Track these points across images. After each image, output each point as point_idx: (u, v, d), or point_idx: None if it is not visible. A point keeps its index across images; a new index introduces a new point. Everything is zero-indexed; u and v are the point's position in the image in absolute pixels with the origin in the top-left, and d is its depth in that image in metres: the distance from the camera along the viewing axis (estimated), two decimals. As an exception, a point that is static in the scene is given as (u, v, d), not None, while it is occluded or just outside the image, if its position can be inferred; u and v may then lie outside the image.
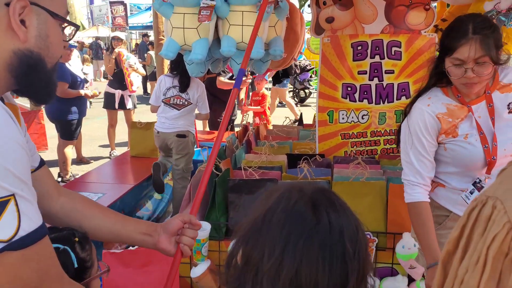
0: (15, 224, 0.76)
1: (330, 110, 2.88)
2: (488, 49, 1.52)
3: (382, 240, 2.17)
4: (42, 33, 0.91)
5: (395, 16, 2.85)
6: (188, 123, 3.89)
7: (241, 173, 2.43)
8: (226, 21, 2.41)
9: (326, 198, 0.77)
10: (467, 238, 0.68)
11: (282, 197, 0.79)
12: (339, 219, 0.74)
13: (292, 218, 0.74)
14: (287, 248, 0.72)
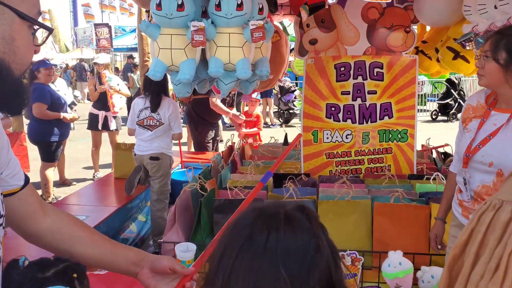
0: None
1: (315, 130, 2.91)
2: (496, 47, 1.64)
3: (368, 259, 2.17)
4: (6, 35, 0.81)
5: (376, 38, 2.93)
6: (163, 145, 3.86)
7: (226, 193, 2.43)
8: (213, 43, 2.44)
9: (282, 218, 0.75)
10: (480, 242, 0.65)
11: (245, 211, 0.80)
12: (280, 242, 0.72)
13: (236, 229, 0.76)
14: (223, 258, 0.73)
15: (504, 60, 1.63)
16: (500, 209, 0.64)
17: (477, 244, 0.66)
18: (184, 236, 2.19)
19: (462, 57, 2.90)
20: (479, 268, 0.64)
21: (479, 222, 0.67)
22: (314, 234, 0.76)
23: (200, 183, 2.46)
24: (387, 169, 2.89)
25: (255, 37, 2.34)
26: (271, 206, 0.79)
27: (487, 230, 0.65)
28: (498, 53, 1.64)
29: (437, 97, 13.03)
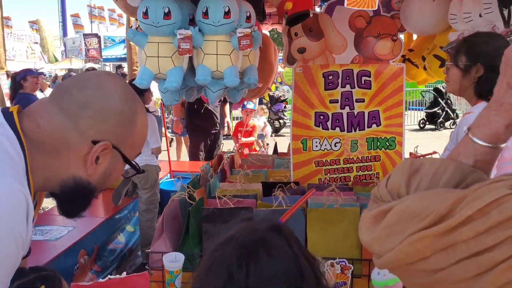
0: None
1: (304, 138, 2.91)
2: (458, 52, 1.72)
3: (358, 267, 2.16)
4: (107, 172, 0.98)
5: (364, 47, 2.95)
6: (145, 158, 3.85)
7: (215, 202, 2.40)
8: (200, 51, 2.44)
9: (262, 244, 0.74)
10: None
11: (219, 243, 0.77)
12: (263, 275, 0.71)
13: (213, 271, 0.73)
14: None
15: (463, 64, 1.69)
16: None
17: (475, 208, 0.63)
18: (172, 246, 2.16)
19: (449, 65, 2.94)
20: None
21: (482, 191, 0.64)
22: (295, 258, 0.75)
23: (189, 192, 2.44)
24: (375, 176, 2.90)
25: (242, 44, 2.35)
26: (244, 234, 0.76)
27: (491, 203, 0.62)
28: (458, 58, 1.71)
29: (424, 105, 13.17)
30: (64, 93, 0.93)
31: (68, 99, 0.92)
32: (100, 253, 3.68)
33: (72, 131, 0.91)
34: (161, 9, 2.32)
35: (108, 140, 0.93)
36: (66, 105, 0.91)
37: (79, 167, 0.94)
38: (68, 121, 0.91)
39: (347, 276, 2.07)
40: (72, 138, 0.91)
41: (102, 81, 0.96)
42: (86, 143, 0.92)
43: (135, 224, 4.26)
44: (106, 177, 0.99)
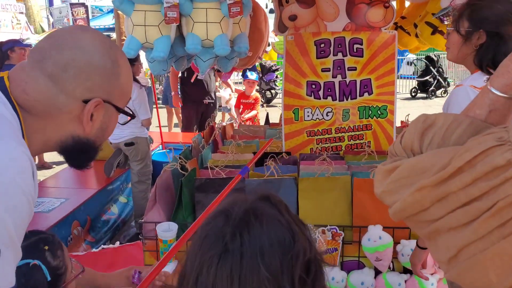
0: None
1: (296, 108, 2.90)
2: (460, 17, 1.64)
3: (348, 234, 2.20)
4: (103, 125, 1.00)
5: (355, 14, 2.90)
6: (135, 130, 3.82)
7: (207, 172, 2.41)
8: (190, 19, 2.39)
9: (250, 214, 0.75)
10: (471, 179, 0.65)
11: (211, 216, 0.79)
12: (256, 241, 0.72)
13: (207, 243, 0.74)
14: (201, 275, 0.72)
15: (465, 29, 1.62)
16: (501, 148, 0.63)
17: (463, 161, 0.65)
18: (166, 215, 2.18)
19: (441, 32, 2.91)
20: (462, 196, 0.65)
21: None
22: (286, 223, 0.76)
23: (181, 163, 2.44)
24: (367, 145, 2.91)
25: (232, 12, 2.29)
26: (235, 206, 0.78)
27: (478, 155, 0.64)
28: (460, 23, 1.64)
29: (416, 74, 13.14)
30: (43, 56, 0.92)
31: (49, 62, 0.91)
32: (93, 224, 3.70)
33: (59, 94, 0.92)
34: (148, -25, 2.26)
35: (97, 96, 0.94)
36: (48, 68, 0.91)
37: (75, 126, 0.95)
38: (54, 84, 0.91)
39: (338, 243, 2.11)
40: (61, 101, 0.92)
41: (78, 38, 0.95)
42: (76, 103, 0.93)
43: (128, 195, 4.27)
44: (103, 130, 1.01)
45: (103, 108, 0.97)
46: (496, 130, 0.67)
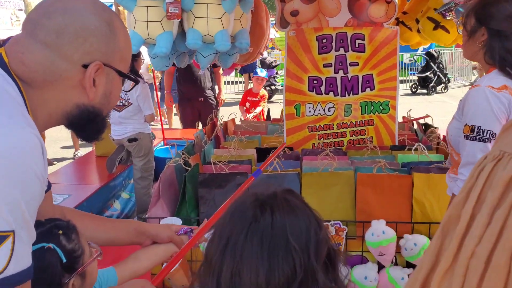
0: (4, 262, 0.74)
1: (297, 103, 2.90)
2: (468, 14, 1.63)
3: (352, 229, 2.20)
4: (107, 91, 0.98)
5: (357, 9, 2.90)
6: (137, 126, 3.81)
7: (210, 168, 2.41)
8: (191, 14, 2.39)
9: (279, 198, 0.79)
10: (477, 199, 0.58)
11: (240, 197, 0.83)
12: (285, 218, 0.75)
13: (235, 216, 0.77)
14: (228, 245, 0.75)
15: (471, 26, 1.61)
16: (501, 161, 0.58)
17: (473, 202, 0.58)
18: (169, 210, 2.18)
19: (443, 27, 2.90)
20: (475, 231, 0.56)
21: (478, 177, 0.60)
22: (310, 211, 0.80)
23: (184, 159, 2.44)
24: (369, 140, 2.91)
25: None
26: (264, 191, 0.81)
27: (484, 184, 0.58)
28: (468, 19, 1.63)
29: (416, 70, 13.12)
30: (34, 25, 0.90)
31: (42, 30, 0.90)
32: (96, 221, 3.68)
33: (58, 60, 0.90)
34: (150, -29, 2.26)
35: (97, 59, 0.93)
36: (42, 37, 0.89)
37: (78, 94, 0.94)
38: (50, 51, 0.89)
39: (341, 238, 2.12)
40: (61, 67, 0.90)
41: (68, 3, 0.93)
42: (76, 69, 0.91)
43: (131, 191, 4.27)
44: (108, 96, 0.99)
45: (104, 72, 0.95)
46: (486, 156, 0.62)
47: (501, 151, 0.58)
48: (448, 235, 0.60)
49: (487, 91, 1.56)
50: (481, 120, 1.56)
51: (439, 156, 2.56)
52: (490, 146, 1.55)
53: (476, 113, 1.57)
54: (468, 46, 1.65)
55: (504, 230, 0.53)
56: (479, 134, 1.55)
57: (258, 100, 5.70)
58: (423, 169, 2.26)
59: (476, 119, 1.56)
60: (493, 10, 1.57)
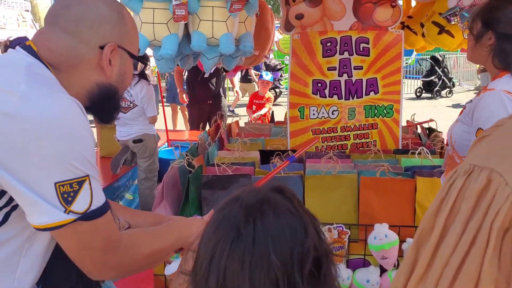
0: (88, 200, 0.94)
1: (301, 106, 2.91)
2: (474, 18, 1.61)
3: (354, 232, 2.20)
4: (121, 70, 1.12)
5: (362, 13, 2.91)
6: (142, 127, 3.84)
7: (214, 169, 2.42)
8: (196, 16, 2.40)
9: (265, 204, 0.77)
10: (449, 211, 0.61)
11: (226, 202, 0.81)
12: (268, 231, 0.74)
13: (221, 228, 0.76)
14: (214, 258, 0.74)
15: (477, 30, 1.60)
16: (472, 175, 0.60)
17: (446, 213, 0.61)
18: (173, 211, 2.19)
19: (447, 31, 2.91)
20: (450, 240, 0.59)
21: (449, 190, 0.62)
22: (298, 214, 0.78)
23: (188, 160, 2.45)
24: (372, 144, 2.91)
25: (233, 8, 2.30)
26: (249, 195, 0.80)
27: (457, 197, 0.60)
28: (474, 23, 1.62)
29: (421, 74, 13.10)
30: (55, 17, 1.05)
31: (63, 19, 1.04)
32: (99, 221, 3.69)
33: (78, 44, 1.04)
34: (156, -27, 2.27)
35: (111, 41, 1.07)
36: (63, 25, 1.04)
37: (97, 74, 1.07)
38: (72, 37, 1.03)
39: (344, 241, 2.12)
40: (82, 51, 1.04)
41: None
42: (94, 51, 1.05)
43: (134, 192, 4.29)
44: (122, 75, 1.13)
45: (118, 53, 1.09)
46: (456, 170, 0.64)
47: (471, 164, 0.60)
48: (422, 246, 0.62)
49: (503, 95, 1.53)
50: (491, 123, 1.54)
51: (442, 160, 2.56)
52: None
53: (491, 117, 1.53)
54: (475, 50, 1.64)
55: (476, 238, 0.56)
56: None
57: (264, 102, 5.77)
58: (426, 173, 2.26)
59: (491, 123, 1.54)
60: (499, 14, 1.56)
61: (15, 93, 0.90)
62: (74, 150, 0.91)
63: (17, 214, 0.95)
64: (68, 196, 0.90)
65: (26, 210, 0.91)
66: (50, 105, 0.91)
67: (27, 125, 0.87)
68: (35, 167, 0.88)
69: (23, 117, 0.87)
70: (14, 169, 0.87)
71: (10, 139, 0.86)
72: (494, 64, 1.61)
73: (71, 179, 0.90)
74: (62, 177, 0.89)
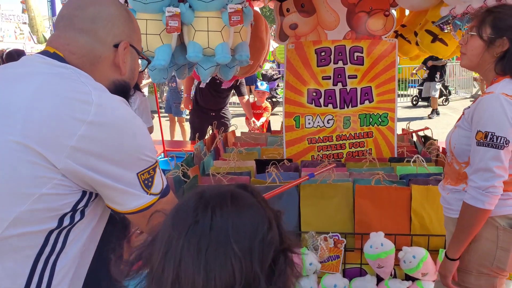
0: (161, 181, 1.09)
1: (297, 116, 2.91)
2: (482, 23, 1.61)
3: (350, 241, 2.20)
4: (132, 67, 1.18)
5: (356, 22, 2.93)
6: None
7: (209, 179, 2.42)
8: (191, 27, 2.42)
9: (227, 196, 0.74)
10: None
11: (185, 196, 0.78)
12: (228, 219, 0.71)
13: (176, 218, 0.74)
14: (169, 250, 0.71)
15: (487, 36, 1.61)
16: None
17: None
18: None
19: (441, 40, 2.92)
20: None
21: None
22: (262, 209, 0.75)
23: (183, 170, 2.45)
24: (368, 152, 2.91)
25: (233, 20, 2.32)
26: (211, 188, 0.78)
27: None
28: (483, 28, 1.62)
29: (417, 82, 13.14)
30: (71, 18, 1.09)
31: (78, 20, 1.08)
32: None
33: (96, 43, 1.09)
34: (150, -15, 2.29)
35: (123, 40, 1.12)
36: (79, 26, 1.08)
37: (113, 72, 1.13)
38: (89, 37, 1.08)
39: (340, 250, 2.11)
40: (99, 49, 1.09)
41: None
42: (110, 49, 1.10)
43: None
44: (133, 72, 1.19)
45: (129, 50, 1.15)
46: None
47: None
48: None
49: (502, 98, 1.54)
50: (495, 126, 1.54)
51: (437, 168, 2.57)
52: (503, 154, 1.53)
53: (490, 119, 1.55)
54: (482, 55, 1.62)
55: None
56: (492, 140, 1.53)
57: (261, 112, 5.78)
58: (422, 181, 2.26)
59: (490, 125, 1.54)
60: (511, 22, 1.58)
61: (90, 102, 0.97)
62: (146, 142, 1.06)
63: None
64: (148, 182, 1.05)
65: (119, 200, 1.03)
66: (117, 107, 1.02)
67: (109, 130, 0.98)
68: (120, 165, 1.00)
69: (103, 123, 0.97)
70: (103, 170, 0.98)
71: (97, 144, 0.96)
72: (496, 69, 1.62)
73: (148, 167, 1.05)
74: (141, 168, 1.03)
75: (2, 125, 0.95)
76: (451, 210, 1.75)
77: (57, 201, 0.97)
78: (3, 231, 0.95)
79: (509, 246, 1.60)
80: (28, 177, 0.94)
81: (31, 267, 0.98)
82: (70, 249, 1.03)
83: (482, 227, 1.61)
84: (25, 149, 0.93)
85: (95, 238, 1.12)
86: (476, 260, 1.65)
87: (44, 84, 0.99)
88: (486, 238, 1.63)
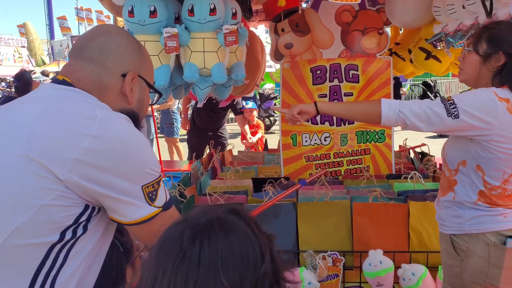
0: (164, 195, 1.11)
1: (293, 134, 2.92)
2: (478, 39, 1.65)
3: (349, 259, 2.18)
4: (141, 98, 1.19)
5: (350, 41, 2.96)
6: None
7: (206, 199, 2.41)
8: (187, 48, 2.44)
9: (215, 224, 0.72)
10: None
11: (172, 224, 0.76)
12: (217, 251, 0.68)
13: (163, 250, 0.71)
14: (156, 280, 0.69)
15: (483, 51, 1.64)
16: None
17: None
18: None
19: (434, 57, 2.96)
20: None
21: None
22: (253, 237, 0.72)
23: (179, 190, 2.44)
24: (365, 170, 2.91)
25: (228, 41, 2.35)
26: (199, 214, 0.75)
27: None
28: (479, 44, 1.65)
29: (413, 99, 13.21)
30: (80, 49, 1.13)
31: (87, 50, 1.12)
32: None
33: (103, 72, 1.11)
34: (146, 7, 2.31)
35: (131, 70, 1.14)
36: (88, 55, 1.11)
37: (120, 101, 1.14)
38: (97, 66, 1.11)
39: (339, 269, 2.09)
40: (107, 78, 1.11)
41: (104, 28, 1.20)
42: (117, 78, 1.12)
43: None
44: (141, 103, 1.20)
45: (138, 81, 1.16)
46: None
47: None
48: None
49: (492, 95, 1.57)
50: (464, 101, 1.57)
51: (435, 184, 2.56)
52: (445, 118, 1.56)
53: (476, 100, 1.58)
54: (479, 70, 1.65)
55: None
56: (451, 105, 1.57)
57: (255, 130, 5.83)
58: (419, 197, 2.25)
59: (462, 99, 1.59)
60: (507, 36, 1.60)
61: (94, 117, 1.00)
62: (149, 157, 1.09)
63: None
64: (152, 195, 1.07)
65: (123, 211, 1.05)
66: (120, 123, 1.05)
67: (113, 143, 1.00)
68: (125, 178, 1.02)
69: (108, 137, 1.00)
70: (107, 183, 1.00)
71: (101, 158, 0.98)
72: (494, 83, 1.65)
73: (152, 181, 1.07)
74: (146, 181, 1.06)
75: (7, 140, 0.98)
76: (444, 226, 1.74)
77: (59, 213, 0.98)
78: (4, 241, 0.95)
79: (500, 263, 1.59)
80: (30, 187, 0.95)
81: (30, 280, 0.97)
82: (71, 265, 1.03)
83: (473, 244, 1.62)
84: (29, 161, 0.94)
85: (99, 257, 1.12)
86: (469, 277, 1.64)
87: (50, 103, 1.03)
88: (479, 255, 1.62)
